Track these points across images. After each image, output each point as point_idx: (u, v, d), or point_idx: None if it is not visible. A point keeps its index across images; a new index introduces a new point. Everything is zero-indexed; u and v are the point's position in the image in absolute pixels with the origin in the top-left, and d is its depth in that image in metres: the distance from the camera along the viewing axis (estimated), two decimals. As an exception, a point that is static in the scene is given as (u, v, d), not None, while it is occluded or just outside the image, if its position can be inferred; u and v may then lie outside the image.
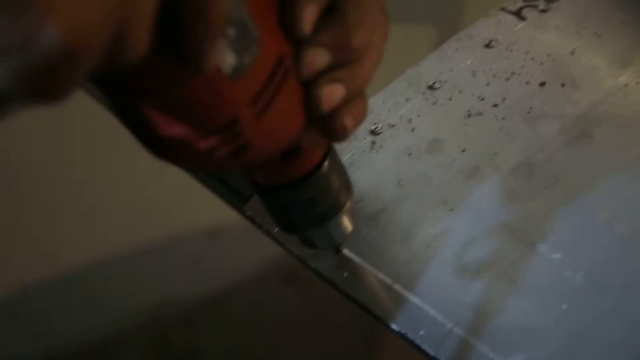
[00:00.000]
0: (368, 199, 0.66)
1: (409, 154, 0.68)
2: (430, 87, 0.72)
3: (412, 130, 0.69)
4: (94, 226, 1.49)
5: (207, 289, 1.42)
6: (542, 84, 0.70)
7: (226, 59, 0.41)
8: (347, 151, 0.69)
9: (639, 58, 0.70)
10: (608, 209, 0.62)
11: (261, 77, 0.44)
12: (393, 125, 0.70)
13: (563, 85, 0.70)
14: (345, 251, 0.63)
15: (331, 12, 0.49)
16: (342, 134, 0.52)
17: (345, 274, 0.62)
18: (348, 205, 0.55)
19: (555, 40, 0.73)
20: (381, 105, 0.71)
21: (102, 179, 1.54)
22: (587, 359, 0.55)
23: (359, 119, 0.53)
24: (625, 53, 0.71)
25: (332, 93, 0.49)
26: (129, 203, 1.51)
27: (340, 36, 0.49)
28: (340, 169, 0.55)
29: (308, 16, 0.47)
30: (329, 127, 0.52)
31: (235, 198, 0.71)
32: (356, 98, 0.52)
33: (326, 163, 0.53)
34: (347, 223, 0.56)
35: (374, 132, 0.70)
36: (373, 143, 0.69)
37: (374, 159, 0.68)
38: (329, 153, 0.54)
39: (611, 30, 0.73)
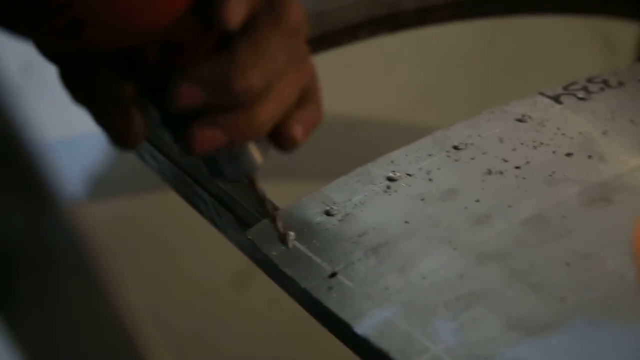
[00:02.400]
0: (372, 232, 0.64)
1: (422, 199, 0.66)
2: (455, 147, 0.70)
3: (430, 180, 0.68)
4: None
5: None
6: (569, 154, 0.69)
7: None
8: (359, 192, 0.67)
9: (673, 143, 0.69)
10: (618, 260, 0.58)
11: None
12: (411, 175, 0.68)
13: (590, 157, 0.68)
14: (339, 276, 0.61)
15: (224, 47, 0.45)
16: (291, 146, 0.49)
17: (334, 296, 0.60)
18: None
19: (588, 122, 0.72)
20: (403, 158, 0.70)
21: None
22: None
23: (311, 126, 0.49)
24: (659, 138, 0.69)
25: (207, 138, 0.45)
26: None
27: (221, 75, 0.44)
28: None
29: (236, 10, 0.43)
30: (275, 137, 0.48)
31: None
32: (306, 103, 0.48)
33: None
34: (255, 151, 0.50)
35: (390, 179, 0.68)
36: (388, 187, 0.68)
37: (386, 200, 0.67)
38: None
39: (648, 120, 0.72)
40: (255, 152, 0.50)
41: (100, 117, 0.47)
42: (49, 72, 0.50)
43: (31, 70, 1.29)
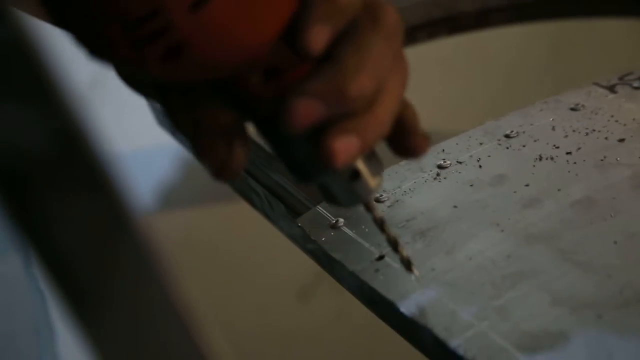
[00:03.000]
0: (420, 217, 0.64)
1: (471, 185, 0.66)
2: (507, 136, 0.70)
3: (480, 167, 0.68)
4: None
5: None
6: (621, 140, 0.68)
7: None
8: (409, 179, 0.67)
9: None
10: (666, 239, 0.58)
11: None
12: (461, 162, 0.68)
13: (643, 142, 0.67)
14: (386, 259, 0.61)
15: (328, 59, 0.45)
16: (418, 153, 0.50)
17: (381, 277, 0.60)
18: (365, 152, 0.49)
19: (643, 109, 0.71)
20: (454, 147, 0.70)
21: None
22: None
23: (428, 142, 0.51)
24: None
25: (345, 147, 0.45)
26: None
27: (332, 85, 0.44)
28: None
29: (319, 36, 0.44)
30: (404, 148, 0.50)
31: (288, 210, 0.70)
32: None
33: None
34: (369, 175, 0.50)
35: (441, 167, 0.68)
36: (438, 174, 0.68)
37: (435, 187, 0.67)
38: None
39: None
40: (368, 177, 0.50)
41: (203, 148, 0.47)
42: (116, 87, 0.51)
43: (99, 85, 1.31)
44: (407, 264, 0.57)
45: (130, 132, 1.36)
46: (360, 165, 0.50)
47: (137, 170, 1.44)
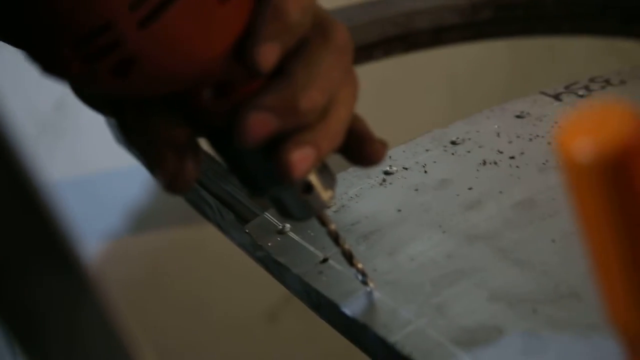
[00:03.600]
0: (364, 221, 0.65)
1: (416, 190, 0.67)
2: (453, 142, 0.71)
3: (425, 172, 0.68)
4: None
5: None
6: (564, 144, 0.69)
7: None
8: (356, 185, 0.68)
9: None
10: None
11: None
12: (407, 168, 0.69)
13: (585, 146, 0.68)
14: (330, 261, 0.62)
15: (279, 74, 0.47)
16: (377, 159, 0.52)
17: (324, 279, 0.61)
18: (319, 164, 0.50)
19: (587, 115, 0.72)
20: (401, 154, 0.71)
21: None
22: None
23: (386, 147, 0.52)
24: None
25: (302, 159, 0.47)
26: None
27: (284, 99, 0.46)
28: None
29: (268, 53, 0.45)
30: (362, 156, 0.51)
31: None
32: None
33: None
34: (322, 189, 0.51)
35: (387, 173, 0.69)
36: (384, 180, 0.68)
37: (381, 192, 0.67)
38: None
39: (646, 112, 0.72)
40: (321, 190, 0.51)
41: (155, 161, 0.48)
42: (83, 109, 0.52)
43: (65, 107, 1.32)
44: (363, 276, 0.58)
45: (100, 154, 1.37)
46: (313, 179, 0.51)
47: (108, 192, 1.45)
